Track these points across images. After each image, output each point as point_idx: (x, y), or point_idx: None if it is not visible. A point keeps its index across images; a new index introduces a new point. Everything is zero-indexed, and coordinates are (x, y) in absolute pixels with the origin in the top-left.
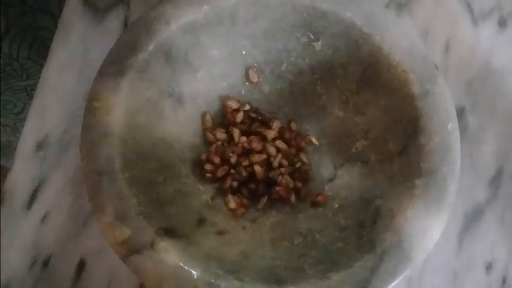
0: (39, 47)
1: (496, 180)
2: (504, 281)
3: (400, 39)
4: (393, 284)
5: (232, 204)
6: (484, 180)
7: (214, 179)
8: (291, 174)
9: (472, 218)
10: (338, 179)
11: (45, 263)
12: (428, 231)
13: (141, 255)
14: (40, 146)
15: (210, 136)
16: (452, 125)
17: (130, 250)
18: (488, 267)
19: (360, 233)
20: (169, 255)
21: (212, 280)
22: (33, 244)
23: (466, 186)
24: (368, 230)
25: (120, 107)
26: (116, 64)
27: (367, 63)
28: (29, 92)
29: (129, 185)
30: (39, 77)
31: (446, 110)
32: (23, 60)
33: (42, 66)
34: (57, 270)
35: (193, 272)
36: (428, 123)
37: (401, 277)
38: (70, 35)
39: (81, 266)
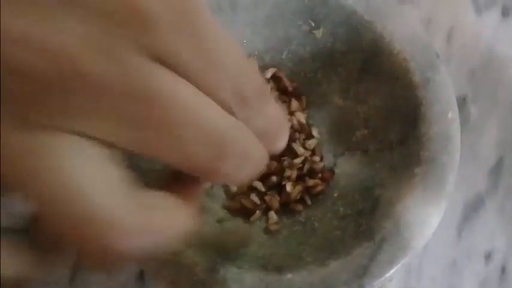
0: None
1: (496, 170)
2: (503, 271)
3: (401, 27)
4: (391, 271)
5: (234, 189)
6: (485, 170)
7: None
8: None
9: (472, 208)
10: (338, 168)
11: None
12: (427, 219)
13: None
14: None
15: None
16: (453, 114)
17: None
18: (488, 257)
19: (359, 221)
20: None
21: (211, 266)
22: None
23: (466, 176)
24: (367, 218)
25: None
26: None
27: (368, 51)
28: None
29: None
30: None
31: (447, 99)
32: None
33: None
34: None
35: (191, 258)
36: (428, 112)
37: (399, 265)
38: None
39: None
